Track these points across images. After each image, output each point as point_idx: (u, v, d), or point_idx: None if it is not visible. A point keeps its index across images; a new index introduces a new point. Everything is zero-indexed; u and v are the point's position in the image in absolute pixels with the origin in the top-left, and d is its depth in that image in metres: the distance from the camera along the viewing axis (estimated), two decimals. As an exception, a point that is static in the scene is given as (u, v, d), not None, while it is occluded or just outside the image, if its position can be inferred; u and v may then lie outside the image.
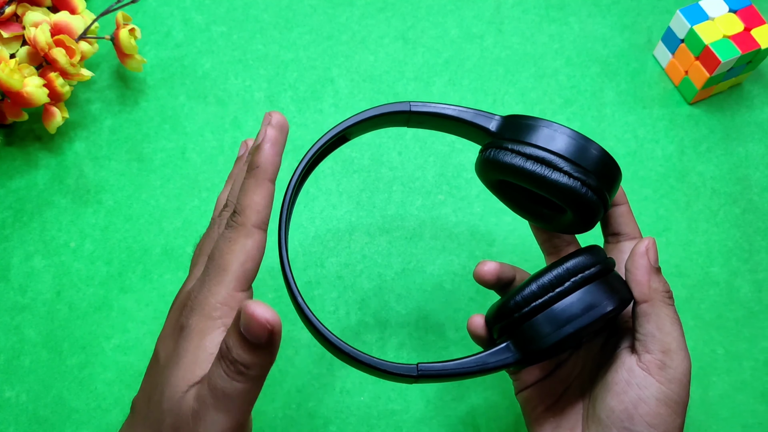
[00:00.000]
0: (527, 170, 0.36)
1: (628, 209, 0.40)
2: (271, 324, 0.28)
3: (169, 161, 0.56)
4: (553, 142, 0.36)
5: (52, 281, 0.52)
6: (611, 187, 0.37)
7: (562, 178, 0.35)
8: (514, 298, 0.36)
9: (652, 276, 0.36)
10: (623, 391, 0.36)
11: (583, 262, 0.36)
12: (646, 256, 0.36)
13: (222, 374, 0.29)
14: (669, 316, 0.36)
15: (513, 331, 0.36)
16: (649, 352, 0.36)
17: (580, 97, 0.59)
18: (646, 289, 0.36)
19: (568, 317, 0.35)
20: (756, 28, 0.56)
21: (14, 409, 0.48)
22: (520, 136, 0.36)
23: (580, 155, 0.36)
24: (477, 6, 0.63)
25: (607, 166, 0.36)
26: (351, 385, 0.50)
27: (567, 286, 0.35)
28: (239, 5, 0.62)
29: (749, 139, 0.58)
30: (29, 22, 0.52)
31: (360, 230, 0.54)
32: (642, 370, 0.36)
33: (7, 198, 0.54)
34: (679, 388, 0.35)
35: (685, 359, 0.35)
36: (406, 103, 0.39)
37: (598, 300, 0.35)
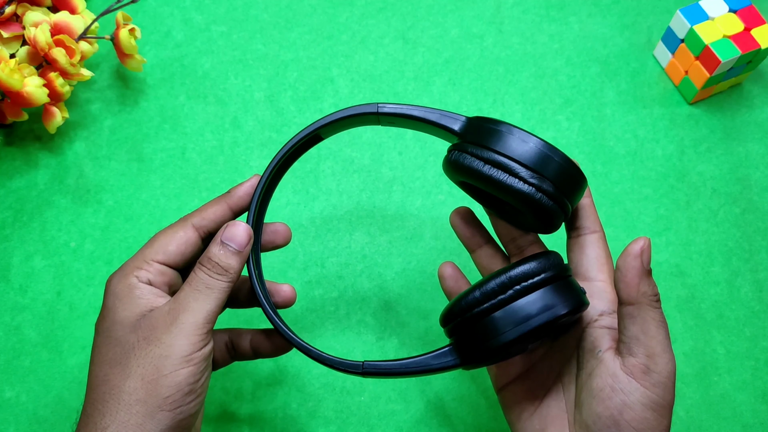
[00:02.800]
0: (485, 174, 0.36)
1: (590, 203, 0.40)
2: (249, 234, 0.38)
3: (169, 161, 0.56)
4: (513, 148, 0.36)
5: (52, 281, 0.52)
6: (572, 192, 0.37)
7: (517, 184, 0.36)
8: (458, 303, 0.37)
9: (642, 279, 0.35)
10: (608, 397, 0.35)
11: (528, 270, 0.36)
12: (639, 258, 0.35)
13: (204, 275, 0.37)
14: (655, 319, 0.35)
15: (457, 334, 0.37)
16: (634, 355, 0.35)
17: (580, 97, 0.59)
18: (634, 292, 0.35)
19: (506, 325, 0.35)
20: (756, 28, 0.56)
21: (14, 409, 0.48)
22: (483, 139, 0.37)
23: (537, 161, 0.36)
24: (477, 6, 0.63)
25: (566, 171, 0.36)
26: (351, 385, 0.50)
27: (509, 294, 0.35)
28: (239, 5, 0.62)
29: (749, 139, 0.58)
30: (29, 22, 0.52)
31: (360, 230, 0.54)
32: (626, 374, 0.35)
33: (7, 198, 0.54)
34: (664, 392, 0.35)
35: (670, 362, 0.35)
36: (374, 105, 0.40)
37: (539, 309, 0.35)
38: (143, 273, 0.37)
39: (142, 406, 0.34)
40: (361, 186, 0.56)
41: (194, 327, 0.36)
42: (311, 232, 0.54)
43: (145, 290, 0.37)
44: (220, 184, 0.55)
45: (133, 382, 0.35)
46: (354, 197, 0.55)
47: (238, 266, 0.38)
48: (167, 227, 0.40)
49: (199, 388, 0.36)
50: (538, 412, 0.40)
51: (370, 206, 0.55)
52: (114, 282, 0.38)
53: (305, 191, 0.55)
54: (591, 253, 0.40)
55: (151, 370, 0.35)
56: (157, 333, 0.35)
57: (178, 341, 0.35)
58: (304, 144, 0.43)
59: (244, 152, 0.56)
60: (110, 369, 0.36)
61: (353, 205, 0.55)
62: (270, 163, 0.41)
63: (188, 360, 0.35)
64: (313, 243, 0.54)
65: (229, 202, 0.40)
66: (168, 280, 0.39)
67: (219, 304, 0.37)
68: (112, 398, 0.35)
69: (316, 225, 0.54)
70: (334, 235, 0.54)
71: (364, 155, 0.57)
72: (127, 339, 0.36)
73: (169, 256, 0.38)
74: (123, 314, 0.37)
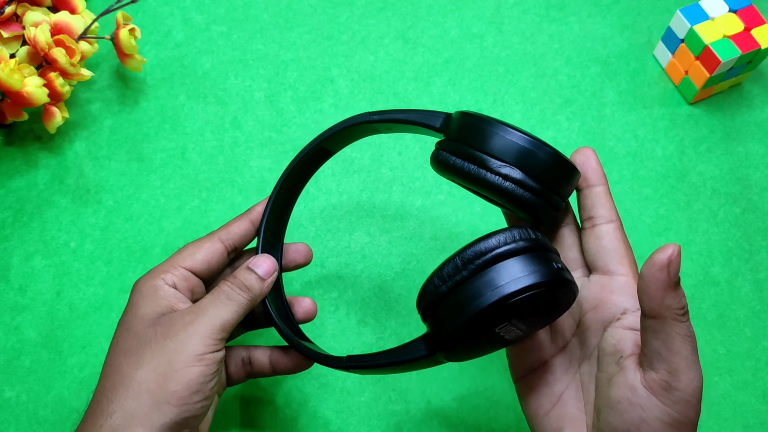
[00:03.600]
0: (456, 168, 0.36)
1: (605, 190, 0.37)
2: (274, 266, 0.41)
3: (169, 161, 0.56)
4: (490, 142, 0.35)
5: (52, 281, 0.52)
6: (553, 181, 0.36)
7: (486, 176, 0.35)
8: (420, 293, 0.35)
9: (668, 292, 0.31)
10: (625, 411, 0.33)
11: (482, 249, 0.33)
12: (666, 270, 0.31)
13: (227, 288, 0.39)
14: (680, 334, 0.32)
15: (430, 320, 0.35)
16: (655, 370, 0.33)
17: (580, 97, 0.59)
18: (657, 305, 0.32)
19: (458, 311, 0.32)
20: (756, 28, 0.56)
21: (15, 410, 0.48)
22: (458, 134, 0.37)
23: (509, 152, 0.35)
24: (477, 6, 0.63)
25: (542, 160, 0.35)
26: (351, 385, 0.50)
27: (463, 275, 0.33)
28: (239, 5, 0.62)
29: (749, 139, 0.58)
30: (29, 22, 0.52)
31: (360, 230, 0.54)
32: (645, 389, 0.33)
33: (7, 198, 0.54)
34: (686, 409, 0.32)
35: (695, 379, 0.32)
36: (366, 114, 0.41)
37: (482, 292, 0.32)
38: (169, 276, 0.40)
39: (150, 396, 0.36)
40: (361, 186, 0.56)
41: (210, 329, 0.38)
42: (311, 233, 0.54)
43: (169, 292, 0.40)
44: (220, 184, 0.55)
45: (144, 372, 0.36)
46: (354, 197, 0.55)
47: (259, 290, 0.40)
48: (195, 240, 0.43)
49: (207, 390, 0.37)
50: (555, 410, 0.38)
51: (370, 206, 0.55)
52: (141, 282, 0.40)
53: (305, 191, 0.55)
54: (609, 244, 0.37)
55: (163, 363, 0.36)
56: (174, 329, 0.37)
57: (192, 339, 0.37)
58: (313, 160, 0.45)
59: (244, 152, 0.56)
60: (125, 359, 0.37)
61: (353, 205, 0.55)
62: (276, 183, 0.44)
63: (200, 359, 0.37)
64: (313, 243, 0.54)
65: (250, 218, 0.44)
66: (191, 286, 0.41)
67: (236, 317, 0.39)
68: (122, 386, 0.36)
69: (316, 225, 0.54)
70: (334, 235, 0.54)
71: (364, 155, 0.57)
72: (145, 333, 0.38)
73: (195, 263, 0.41)
74: (144, 310, 0.39)
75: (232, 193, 0.55)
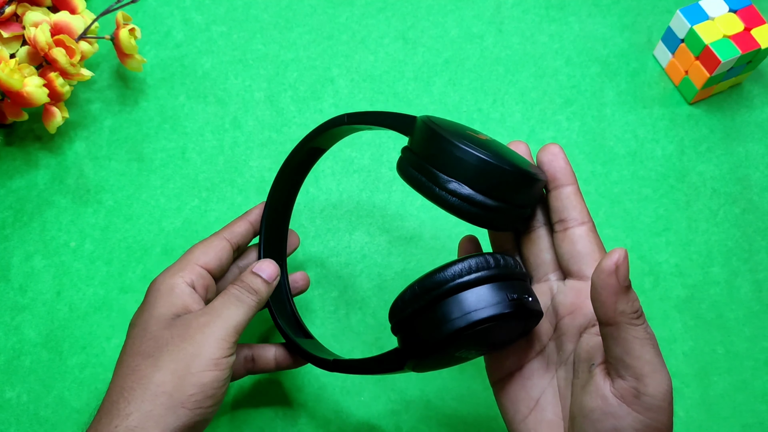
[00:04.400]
0: (416, 184, 0.36)
1: (575, 190, 0.36)
2: (277, 271, 0.43)
3: (169, 161, 0.56)
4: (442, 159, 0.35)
5: (52, 281, 0.52)
6: (515, 197, 0.35)
7: (442, 195, 0.35)
8: (395, 304, 0.36)
9: (619, 297, 0.31)
10: (598, 420, 0.33)
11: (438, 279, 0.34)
12: (614, 275, 0.31)
13: (237, 291, 0.40)
14: (637, 337, 0.31)
15: (400, 333, 0.37)
16: (622, 378, 0.32)
17: (580, 97, 0.59)
18: (611, 312, 0.31)
19: (428, 334, 0.34)
20: (756, 28, 0.56)
21: (15, 410, 0.48)
22: (420, 148, 0.37)
23: (466, 171, 0.34)
24: (477, 6, 0.63)
25: (498, 178, 0.34)
26: (351, 385, 0.50)
27: (423, 304, 0.34)
28: (239, 5, 0.62)
29: (749, 139, 0.58)
30: (29, 22, 0.52)
31: (360, 230, 0.54)
32: (616, 397, 0.32)
33: (7, 198, 0.54)
34: (658, 415, 0.31)
35: (662, 382, 0.31)
36: (342, 116, 0.42)
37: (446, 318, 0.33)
38: (187, 274, 0.41)
39: (167, 398, 0.36)
40: (361, 186, 0.56)
41: (225, 333, 0.38)
42: (311, 232, 0.54)
43: (185, 291, 0.40)
44: (220, 184, 0.55)
45: (162, 374, 0.37)
46: (354, 197, 0.55)
47: (266, 293, 0.42)
48: (202, 240, 0.44)
49: (220, 395, 0.38)
50: (533, 415, 0.37)
51: (370, 206, 0.55)
52: (159, 280, 0.41)
53: (305, 191, 0.55)
54: (582, 248, 0.36)
55: (181, 366, 0.37)
56: (190, 331, 0.38)
57: (209, 342, 0.38)
58: (305, 160, 0.46)
59: (244, 152, 0.56)
60: (142, 360, 0.38)
61: (353, 205, 0.55)
62: (271, 187, 0.46)
63: (216, 364, 0.38)
64: (313, 243, 0.54)
65: (249, 220, 0.46)
66: (206, 284, 0.42)
67: (246, 319, 0.40)
68: (140, 387, 0.36)
69: (316, 225, 0.54)
70: (334, 235, 0.54)
71: (364, 155, 0.57)
72: (162, 334, 0.38)
73: (209, 260, 0.43)
74: (160, 311, 0.39)
75: (232, 193, 0.55)
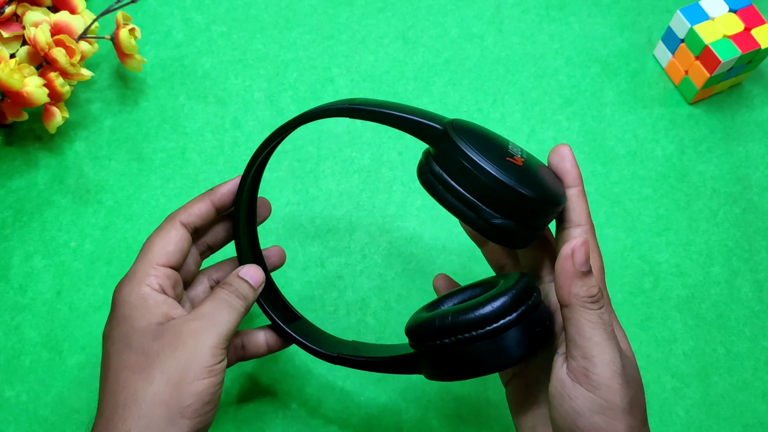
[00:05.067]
0: (444, 202, 0.36)
1: (579, 192, 0.38)
2: (263, 277, 0.42)
3: (169, 161, 0.56)
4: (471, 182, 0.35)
5: (52, 281, 0.52)
6: (534, 220, 0.36)
7: (466, 211, 0.35)
8: (423, 326, 0.37)
9: (575, 281, 0.34)
10: (559, 404, 0.34)
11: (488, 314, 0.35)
12: (570, 260, 0.34)
13: (227, 296, 0.39)
14: (589, 320, 0.33)
15: (420, 350, 0.38)
16: (574, 358, 0.34)
17: (580, 97, 0.59)
18: (566, 294, 0.34)
19: (460, 364, 0.36)
20: (756, 27, 0.56)
21: (14, 409, 0.48)
22: (446, 162, 0.36)
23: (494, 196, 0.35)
24: (477, 6, 0.63)
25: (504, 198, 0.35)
26: (351, 385, 0.50)
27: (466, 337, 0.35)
28: (239, 5, 0.62)
29: (749, 139, 0.58)
30: (29, 21, 0.52)
31: (360, 230, 0.54)
32: (570, 379, 0.34)
33: (7, 198, 0.54)
34: (608, 394, 0.33)
35: (610, 363, 0.33)
36: (345, 103, 0.39)
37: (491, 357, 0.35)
38: (153, 279, 0.39)
39: (165, 410, 0.35)
40: (361, 186, 0.56)
41: (217, 339, 0.37)
42: (311, 232, 0.54)
43: (159, 299, 0.39)
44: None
45: (156, 387, 0.36)
46: (354, 197, 0.55)
47: (252, 299, 0.41)
48: (157, 229, 0.41)
49: (216, 399, 0.37)
50: (532, 411, 0.39)
51: (370, 206, 0.55)
52: (126, 291, 0.39)
53: (305, 191, 0.55)
54: None
55: (175, 377, 0.36)
56: (181, 339, 0.37)
57: (202, 350, 0.37)
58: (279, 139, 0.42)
59: (244, 152, 0.56)
60: (132, 375, 0.36)
61: (353, 205, 0.55)
62: (253, 156, 0.42)
63: (210, 371, 0.37)
64: (313, 243, 0.54)
65: (212, 199, 0.42)
66: (173, 281, 0.40)
67: (236, 324, 0.39)
68: (135, 403, 0.36)
69: (316, 225, 0.54)
70: (334, 235, 0.54)
71: (364, 155, 0.57)
72: (151, 347, 0.37)
73: (171, 257, 0.40)
74: (140, 323, 0.38)
75: (232, 193, 0.55)
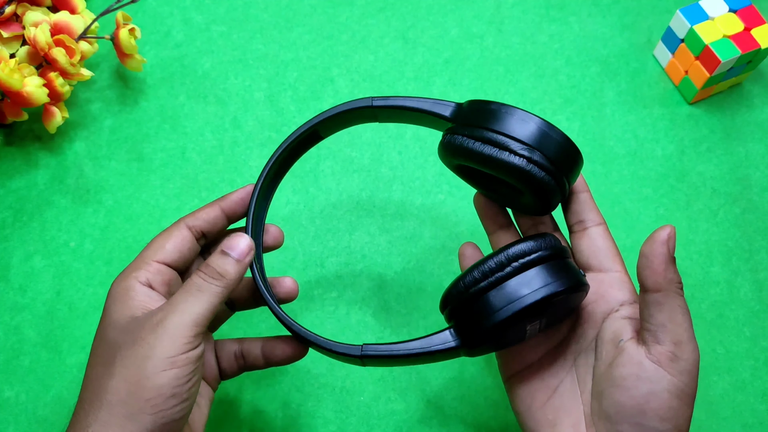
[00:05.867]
0: (476, 151, 0.37)
1: (590, 196, 0.41)
2: (250, 246, 0.38)
3: (169, 161, 0.56)
4: (505, 123, 0.36)
5: (52, 281, 0.52)
6: (569, 168, 0.37)
7: (509, 157, 0.36)
8: (457, 284, 0.37)
9: (668, 266, 0.35)
10: (633, 386, 0.35)
11: (525, 249, 0.36)
12: (666, 245, 0.35)
13: (198, 279, 0.37)
14: (681, 306, 0.35)
15: (457, 317, 0.37)
16: (660, 343, 0.35)
17: (580, 97, 0.59)
18: (661, 278, 0.35)
19: (501, 303, 0.35)
20: (756, 27, 0.56)
21: (14, 409, 0.48)
22: (473, 119, 0.37)
23: (530, 135, 0.36)
24: (477, 6, 0.63)
25: (560, 145, 0.36)
26: (351, 385, 0.50)
27: (506, 272, 0.35)
28: (239, 5, 0.62)
29: (749, 139, 0.58)
30: (29, 21, 0.52)
31: (360, 230, 0.54)
32: (652, 362, 0.35)
33: (7, 198, 0.54)
34: (690, 380, 0.35)
35: (695, 350, 0.35)
36: (368, 99, 0.41)
37: (533, 287, 0.35)
38: (142, 273, 0.38)
39: (123, 407, 0.34)
40: (361, 186, 0.56)
41: (180, 328, 0.35)
42: (311, 232, 0.54)
43: (141, 291, 0.37)
44: (220, 184, 0.55)
45: (115, 382, 0.35)
46: (354, 197, 0.55)
47: (235, 274, 0.38)
48: (163, 231, 0.40)
49: (185, 392, 0.35)
50: (550, 403, 0.39)
51: (370, 206, 0.55)
52: (114, 285, 0.38)
53: (305, 191, 0.55)
54: (602, 245, 0.40)
55: (133, 371, 0.34)
56: (143, 333, 0.35)
57: (161, 342, 0.35)
58: (303, 142, 0.43)
59: (244, 152, 0.56)
60: (98, 369, 0.36)
61: (353, 205, 0.55)
62: (267, 163, 0.42)
63: (172, 362, 0.35)
64: (313, 243, 0.54)
65: (222, 206, 0.42)
66: (167, 279, 0.39)
67: (209, 308, 0.36)
68: (97, 398, 0.35)
69: (316, 225, 0.54)
70: (334, 235, 0.54)
71: (364, 155, 0.57)
72: (116, 340, 0.36)
73: (166, 254, 0.39)
74: (115, 316, 0.37)
75: (232, 193, 0.55)
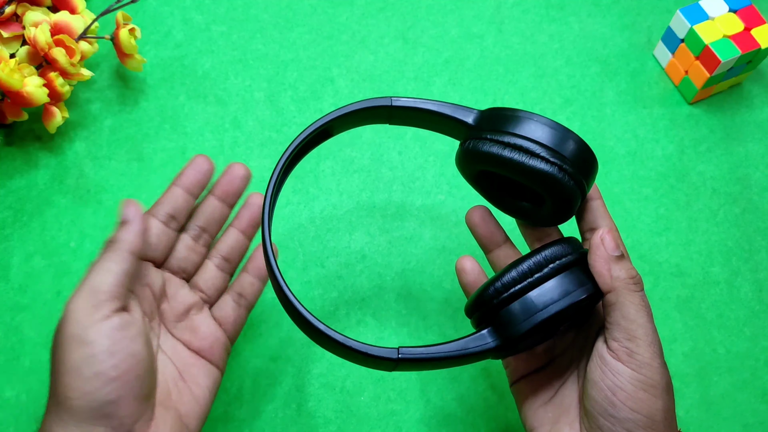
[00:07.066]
0: (506, 158, 0.37)
1: (602, 203, 0.41)
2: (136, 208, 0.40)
3: (169, 161, 0.56)
4: (531, 131, 0.37)
5: (52, 281, 0.52)
6: (588, 174, 0.38)
7: (540, 164, 0.36)
8: (493, 285, 0.37)
9: (611, 265, 0.36)
10: (600, 380, 0.36)
11: (561, 251, 0.37)
12: (602, 245, 0.36)
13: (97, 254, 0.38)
14: (633, 303, 0.36)
15: (492, 319, 0.37)
16: (616, 340, 0.36)
17: (580, 97, 0.59)
18: (607, 279, 0.36)
19: (542, 303, 0.36)
20: (756, 27, 0.56)
21: (14, 409, 0.48)
22: (499, 126, 0.37)
23: (557, 142, 0.36)
24: (477, 6, 0.63)
25: (583, 154, 0.37)
26: (351, 385, 0.50)
27: (545, 273, 0.36)
28: (239, 5, 0.62)
29: (749, 139, 0.58)
30: (29, 21, 0.52)
31: (360, 230, 0.54)
32: (612, 357, 0.36)
33: (7, 198, 0.54)
34: (652, 372, 0.35)
35: (652, 344, 0.35)
36: (387, 98, 0.39)
37: (571, 287, 0.36)
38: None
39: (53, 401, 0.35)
40: (361, 186, 0.56)
41: (82, 303, 0.36)
42: (311, 232, 0.54)
43: None
44: (220, 184, 0.55)
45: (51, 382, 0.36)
46: (354, 197, 0.55)
47: (130, 237, 0.38)
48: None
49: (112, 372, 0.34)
50: (552, 402, 0.40)
51: (370, 206, 0.55)
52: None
53: (305, 191, 0.55)
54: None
55: (55, 359, 0.36)
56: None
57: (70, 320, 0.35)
58: (314, 139, 0.42)
59: (244, 152, 0.56)
60: None
61: (353, 205, 0.55)
62: (281, 158, 0.40)
63: (80, 341, 0.34)
64: (313, 243, 0.54)
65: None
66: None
67: (112, 276, 0.37)
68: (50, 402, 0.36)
69: (316, 225, 0.54)
70: (334, 235, 0.54)
71: (364, 155, 0.57)
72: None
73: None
74: None
75: (232, 193, 0.55)
